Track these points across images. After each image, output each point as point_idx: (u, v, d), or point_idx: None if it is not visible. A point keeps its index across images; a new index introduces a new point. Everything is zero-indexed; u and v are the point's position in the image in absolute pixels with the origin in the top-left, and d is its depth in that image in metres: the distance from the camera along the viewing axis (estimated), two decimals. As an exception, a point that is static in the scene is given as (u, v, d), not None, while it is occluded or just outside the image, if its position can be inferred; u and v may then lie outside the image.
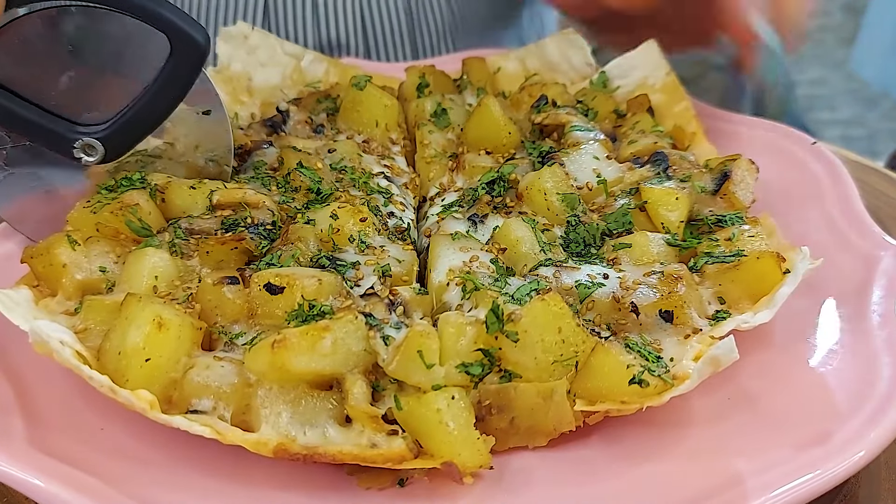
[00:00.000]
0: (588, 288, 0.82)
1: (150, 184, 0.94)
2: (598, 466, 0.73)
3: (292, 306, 0.78)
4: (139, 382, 0.73)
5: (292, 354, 0.71)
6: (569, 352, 0.74)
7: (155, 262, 0.83)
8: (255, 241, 0.87)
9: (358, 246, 0.88)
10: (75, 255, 0.86)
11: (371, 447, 0.70)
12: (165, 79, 0.91)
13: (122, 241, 0.89)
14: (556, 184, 0.93)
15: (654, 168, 0.96)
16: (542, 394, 0.73)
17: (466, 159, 1.06)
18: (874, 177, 1.25)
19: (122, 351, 0.73)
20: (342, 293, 0.80)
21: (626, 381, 0.72)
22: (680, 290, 0.79)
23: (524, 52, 1.36)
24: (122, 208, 0.89)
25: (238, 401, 0.73)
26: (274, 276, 0.79)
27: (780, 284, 0.79)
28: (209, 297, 0.80)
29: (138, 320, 0.74)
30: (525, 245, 0.87)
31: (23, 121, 0.90)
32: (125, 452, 0.74)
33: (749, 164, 0.95)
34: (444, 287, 0.84)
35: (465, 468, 0.69)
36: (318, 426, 0.72)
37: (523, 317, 0.74)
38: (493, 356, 0.76)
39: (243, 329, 0.79)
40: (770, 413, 0.76)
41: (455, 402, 0.71)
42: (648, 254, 0.86)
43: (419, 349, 0.73)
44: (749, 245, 0.85)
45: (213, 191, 0.93)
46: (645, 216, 0.90)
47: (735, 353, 0.70)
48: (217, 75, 1.25)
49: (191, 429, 0.70)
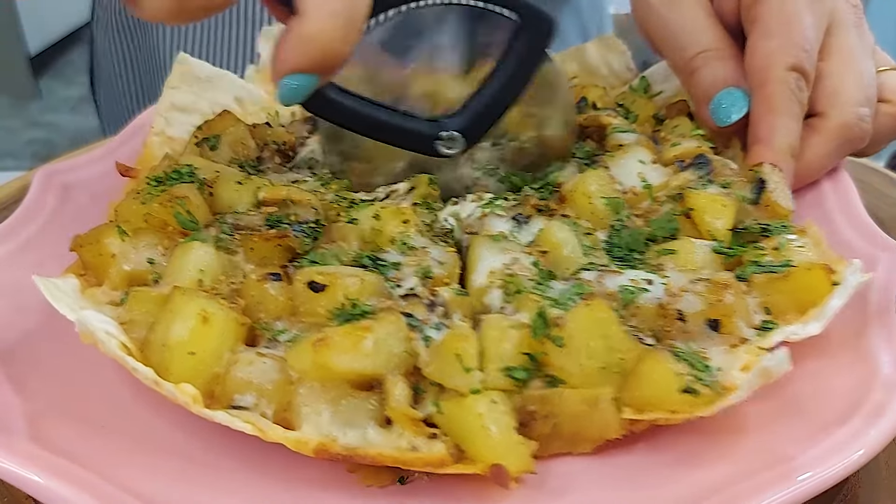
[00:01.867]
0: (632, 293, 0.81)
1: (199, 177, 0.94)
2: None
3: (335, 304, 0.77)
4: (182, 376, 0.72)
5: (334, 353, 0.71)
6: (615, 358, 0.73)
7: (201, 255, 0.83)
8: (298, 238, 0.87)
9: (399, 247, 0.87)
10: (124, 245, 0.86)
11: (411, 450, 0.69)
12: (518, 57, 0.92)
13: (169, 233, 0.89)
14: (600, 187, 0.92)
15: (696, 171, 0.95)
16: (587, 400, 0.72)
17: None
18: (874, 177, 1.24)
19: (167, 344, 0.73)
20: (384, 293, 0.80)
21: (676, 389, 0.70)
22: (728, 299, 0.78)
23: (563, 56, 1.35)
24: (171, 200, 0.89)
25: (280, 398, 0.73)
26: (317, 274, 0.79)
27: (829, 296, 0.78)
28: (253, 293, 0.80)
29: (184, 313, 0.74)
30: (567, 248, 0.86)
31: (386, 127, 0.92)
32: (126, 449, 0.74)
33: (772, 167, 0.94)
34: (484, 289, 0.83)
35: (511, 473, 0.68)
36: (359, 427, 0.71)
37: (568, 322, 0.73)
38: (537, 360, 0.75)
39: (286, 326, 0.79)
40: (769, 413, 0.75)
41: (496, 406, 0.70)
42: (693, 261, 0.85)
43: (457, 352, 0.72)
44: (797, 255, 0.83)
45: (259, 187, 0.94)
46: (690, 223, 0.89)
47: (787, 365, 0.68)
48: (256, 75, 1.25)
49: (232, 424, 0.69)
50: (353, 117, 0.91)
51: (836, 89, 1.03)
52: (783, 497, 0.64)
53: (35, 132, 5.31)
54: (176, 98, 1.16)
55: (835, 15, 1.06)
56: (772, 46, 1.01)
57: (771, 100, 1.00)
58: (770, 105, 1.00)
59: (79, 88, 5.78)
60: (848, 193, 1.01)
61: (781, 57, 1.00)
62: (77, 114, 5.51)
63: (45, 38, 5.87)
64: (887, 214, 1.11)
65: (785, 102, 1.00)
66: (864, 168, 1.25)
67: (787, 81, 1.00)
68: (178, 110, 1.16)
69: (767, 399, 0.75)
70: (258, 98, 1.24)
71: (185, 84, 1.17)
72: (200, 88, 1.18)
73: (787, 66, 1.00)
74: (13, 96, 5.59)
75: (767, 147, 0.99)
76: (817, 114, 1.03)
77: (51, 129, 5.35)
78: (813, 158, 1.02)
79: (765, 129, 1.00)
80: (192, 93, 1.17)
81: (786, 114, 1.00)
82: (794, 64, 1.00)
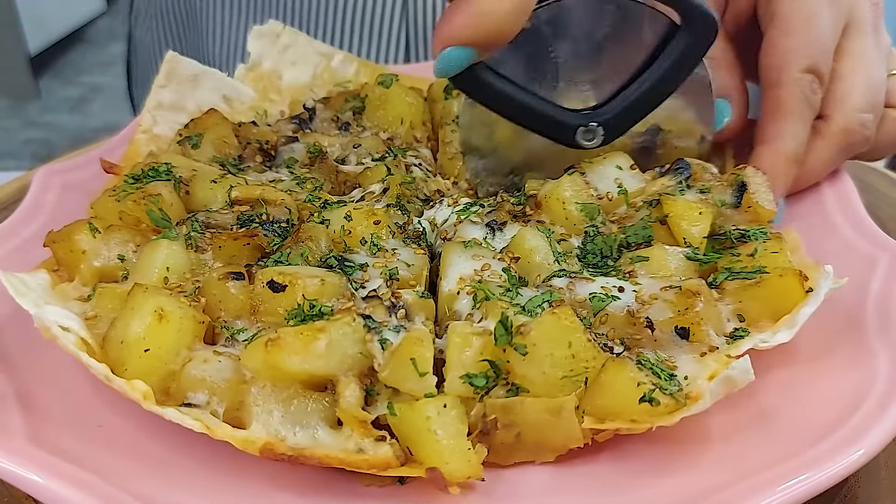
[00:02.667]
0: (602, 301, 0.79)
1: (176, 175, 0.95)
2: (609, 481, 0.71)
3: (293, 305, 0.78)
4: (138, 372, 0.73)
5: (286, 354, 0.71)
6: (579, 367, 0.72)
7: (168, 253, 0.84)
8: (268, 237, 0.87)
9: (370, 248, 0.87)
10: (95, 242, 0.87)
11: (357, 452, 0.69)
12: (675, 56, 0.92)
13: (143, 230, 0.90)
14: (575, 192, 0.91)
15: (675, 177, 0.93)
16: (549, 409, 0.71)
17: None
18: (874, 177, 1.24)
19: (124, 340, 0.74)
20: (346, 294, 0.80)
21: (637, 399, 0.69)
22: (697, 307, 0.76)
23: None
24: (145, 198, 0.90)
25: (232, 397, 0.73)
26: (277, 274, 0.79)
27: (801, 304, 0.76)
28: (214, 291, 0.80)
29: (141, 310, 0.74)
30: (539, 255, 0.85)
31: (532, 112, 0.93)
32: (125, 449, 0.74)
33: (755, 170, 0.93)
34: (454, 296, 0.82)
35: (451, 477, 0.67)
36: (309, 427, 0.71)
37: (533, 330, 0.72)
38: (500, 369, 0.74)
39: (245, 325, 0.79)
40: (768, 412, 0.74)
41: (446, 411, 0.69)
42: (666, 268, 0.83)
43: (412, 356, 0.72)
44: (772, 262, 0.82)
45: (232, 186, 0.94)
46: (666, 229, 0.88)
47: (751, 374, 0.68)
48: (248, 73, 1.26)
49: (182, 421, 0.70)
50: (501, 99, 0.92)
51: (844, 94, 1.01)
52: (783, 497, 0.64)
53: (34, 132, 5.34)
54: (163, 96, 1.17)
55: (853, 13, 1.03)
56: (790, 45, 0.99)
57: (783, 102, 0.98)
58: (781, 107, 0.99)
59: (78, 88, 5.84)
60: (848, 194, 1.00)
61: (798, 57, 0.98)
62: (76, 114, 5.55)
63: (45, 38, 5.91)
64: (887, 214, 1.10)
65: (797, 106, 0.98)
66: (864, 168, 1.23)
67: (801, 84, 0.98)
68: (165, 108, 1.17)
69: (768, 400, 0.75)
70: (247, 96, 1.25)
71: (172, 82, 1.18)
72: (188, 87, 1.19)
73: (803, 68, 0.98)
74: (13, 96, 5.62)
75: (772, 151, 0.98)
76: (822, 116, 1.02)
77: (50, 129, 5.37)
78: (815, 163, 1.01)
79: (772, 132, 0.99)
80: (179, 91, 1.19)
81: (796, 118, 0.98)
82: (809, 65, 0.98)
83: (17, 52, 5.53)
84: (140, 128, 1.14)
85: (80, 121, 5.43)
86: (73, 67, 6.15)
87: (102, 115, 5.43)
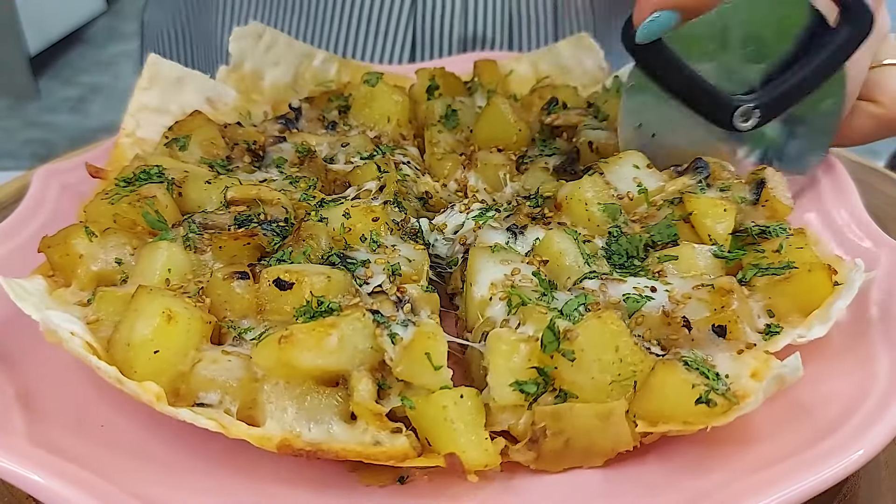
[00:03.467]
0: (637, 301, 0.80)
1: (168, 177, 0.94)
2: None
3: (301, 302, 0.77)
4: (147, 374, 0.71)
5: (298, 350, 0.71)
6: (627, 371, 0.72)
7: (168, 255, 0.83)
8: (267, 237, 0.87)
9: (370, 245, 0.87)
10: (91, 246, 0.86)
11: (374, 444, 0.70)
12: (833, 48, 0.94)
13: (138, 233, 0.89)
14: (596, 193, 0.90)
15: (694, 176, 0.94)
16: (599, 415, 0.71)
17: (479, 156, 1.06)
18: (874, 177, 1.26)
19: (131, 342, 0.73)
20: (351, 291, 0.80)
21: (692, 400, 0.69)
22: (733, 304, 0.77)
23: (537, 56, 1.35)
24: (140, 200, 0.89)
25: (244, 395, 0.73)
26: (283, 272, 0.78)
27: (833, 297, 0.78)
28: (219, 292, 0.79)
29: (147, 312, 0.73)
30: (568, 257, 0.85)
31: (698, 88, 0.95)
32: (126, 449, 0.73)
33: (774, 171, 0.94)
34: (486, 302, 0.81)
35: (469, 465, 0.67)
36: (323, 422, 0.71)
37: (580, 335, 0.72)
38: (548, 375, 0.73)
39: (252, 324, 0.79)
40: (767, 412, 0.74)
41: (463, 402, 0.70)
42: (695, 266, 0.84)
43: (427, 351, 0.72)
44: (798, 257, 0.83)
45: (227, 186, 0.93)
46: (689, 227, 0.88)
47: (801, 371, 0.68)
48: (230, 74, 1.24)
49: (196, 421, 0.69)
50: (676, 72, 0.94)
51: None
52: (784, 496, 0.64)
53: (34, 132, 5.23)
54: (146, 99, 1.15)
55: None
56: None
57: None
58: None
59: (78, 89, 5.72)
60: (847, 192, 1.02)
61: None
62: (76, 114, 5.44)
63: (45, 38, 5.80)
64: (886, 213, 1.11)
65: None
66: (864, 168, 1.26)
67: None
68: (148, 111, 1.14)
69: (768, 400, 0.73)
70: (230, 98, 1.23)
71: (155, 85, 1.16)
72: (171, 89, 1.17)
73: None
74: (12, 96, 5.51)
75: None
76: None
77: (50, 129, 5.26)
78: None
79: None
80: (162, 94, 1.16)
81: None
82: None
83: (17, 52, 5.42)
84: (123, 131, 1.12)
85: (79, 121, 5.33)
86: (72, 67, 6.03)
87: (102, 115, 5.32)
